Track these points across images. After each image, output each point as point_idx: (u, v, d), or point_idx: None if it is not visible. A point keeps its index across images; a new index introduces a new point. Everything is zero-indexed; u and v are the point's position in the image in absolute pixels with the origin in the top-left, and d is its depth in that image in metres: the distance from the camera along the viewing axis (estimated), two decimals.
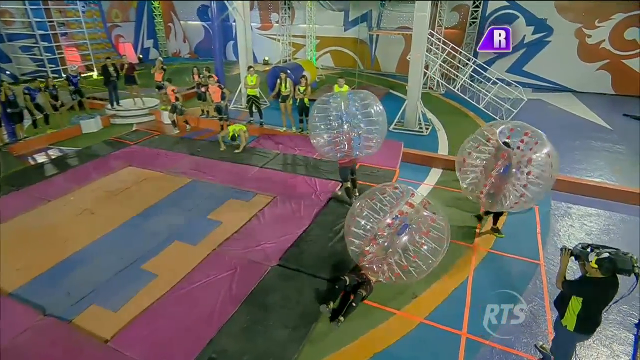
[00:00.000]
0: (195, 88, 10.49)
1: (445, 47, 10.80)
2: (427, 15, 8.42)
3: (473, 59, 11.03)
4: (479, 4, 13.38)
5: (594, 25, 12.26)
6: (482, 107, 10.17)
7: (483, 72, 10.55)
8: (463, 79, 10.52)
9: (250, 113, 9.68)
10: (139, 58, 17.84)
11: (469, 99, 10.40)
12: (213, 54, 12.47)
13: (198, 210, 6.03)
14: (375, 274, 4.19)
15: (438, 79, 12.19)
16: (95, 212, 6.03)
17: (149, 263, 4.87)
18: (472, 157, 5.22)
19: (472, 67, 10.63)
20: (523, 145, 4.80)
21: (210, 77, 9.17)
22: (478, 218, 5.79)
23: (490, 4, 13.44)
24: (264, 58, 17.61)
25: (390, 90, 13.06)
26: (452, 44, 10.84)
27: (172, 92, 9.16)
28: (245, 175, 7.17)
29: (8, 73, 13.74)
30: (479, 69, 10.55)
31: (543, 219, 5.90)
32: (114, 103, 10.59)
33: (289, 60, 15.68)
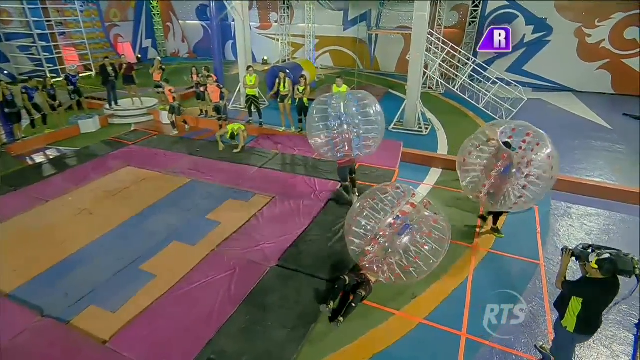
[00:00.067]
0: (194, 88, 10.44)
1: (445, 46, 10.78)
2: (426, 15, 8.41)
3: (473, 59, 11.02)
4: (479, 4, 13.36)
5: (594, 25, 12.24)
6: (481, 106, 10.16)
7: (483, 71, 10.54)
8: (463, 79, 10.50)
9: (250, 113, 9.66)
10: (138, 58, 17.79)
11: (469, 99, 10.39)
12: (212, 54, 12.46)
13: (197, 211, 6.02)
14: (376, 274, 4.18)
15: (437, 79, 12.19)
16: (94, 212, 6.02)
17: (148, 263, 4.85)
18: (472, 156, 5.21)
19: (471, 66, 10.62)
20: (525, 146, 4.78)
21: (209, 76, 9.15)
22: (482, 218, 5.76)
23: (490, 4, 13.42)
24: (263, 58, 17.58)
25: (390, 90, 13.04)
26: (451, 44, 10.82)
27: (169, 92, 9.13)
28: (244, 175, 7.15)
29: (6, 73, 13.69)
30: (479, 69, 10.54)
31: (543, 219, 5.89)
32: (113, 103, 10.56)
33: (288, 60, 15.66)
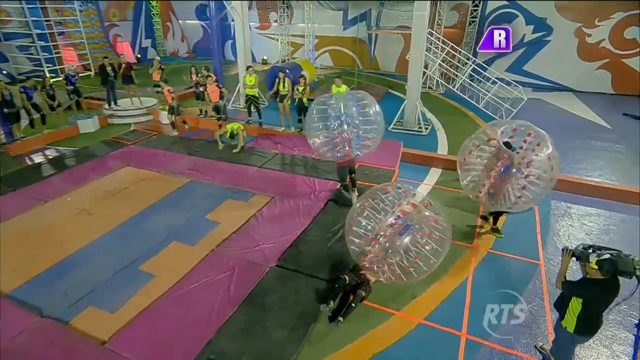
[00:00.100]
0: (194, 88, 10.44)
1: (445, 46, 10.76)
2: (426, 15, 8.39)
3: (472, 59, 11.00)
4: (479, 3, 13.35)
5: (594, 25, 12.23)
6: (481, 106, 10.14)
7: (482, 71, 10.52)
8: (462, 79, 10.49)
9: (249, 113, 9.65)
10: (137, 57, 17.77)
11: (469, 99, 10.37)
12: (211, 54, 12.45)
13: (196, 211, 6.01)
14: (376, 274, 4.17)
15: (437, 79, 12.16)
16: (93, 212, 6.00)
17: (147, 264, 4.84)
18: (472, 155, 5.19)
19: (471, 66, 10.61)
20: (526, 146, 4.77)
21: (209, 76, 9.13)
22: (484, 218, 5.74)
23: (490, 3, 13.40)
24: (263, 57, 17.57)
25: (390, 90, 13.02)
26: (451, 43, 10.79)
27: (168, 92, 9.11)
28: (244, 176, 7.14)
29: (5, 73, 13.68)
30: (479, 69, 10.52)
31: (543, 219, 5.88)
32: (112, 103, 10.53)
33: (288, 60, 15.65)
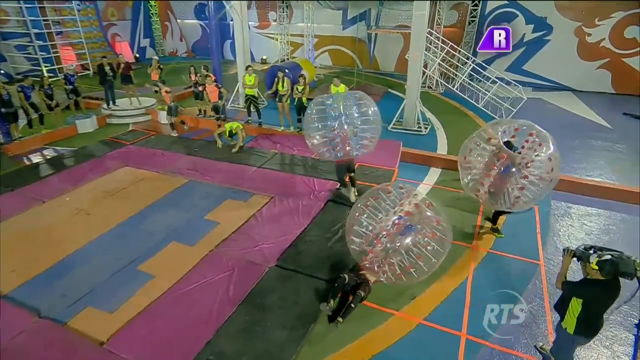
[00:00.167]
0: (193, 87, 10.41)
1: (444, 45, 10.76)
2: (425, 14, 8.38)
3: (472, 58, 11.00)
4: (478, 3, 13.33)
5: (594, 24, 12.22)
6: (481, 106, 10.13)
7: (482, 71, 10.52)
8: (462, 78, 10.48)
9: (249, 113, 9.62)
10: (136, 57, 17.73)
11: (468, 98, 10.36)
12: (210, 53, 12.41)
13: (195, 211, 5.99)
14: (376, 274, 4.14)
15: (437, 78, 12.16)
16: (91, 212, 5.98)
17: (146, 264, 4.82)
18: (473, 154, 5.17)
19: (471, 66, 10.59)
20: (527, 145, 4.74)
21: (208, 76, 9.11)
22: (489, 220, 5.64)
23: (490, 3, 13.38)
24: (262, 57, 17.54)
25: (389, 90, 13.02)
26: (451, 43, 10.80)
27: (166, 93, 9.06)
28: (243, 176, 7.12)
29: (3, 72, 13.63)
30: (478, 68, 10.52)
31: (543, 219, 5.87)
32: (110, 103, 10.50)
33: (287, 59, 15.62)
